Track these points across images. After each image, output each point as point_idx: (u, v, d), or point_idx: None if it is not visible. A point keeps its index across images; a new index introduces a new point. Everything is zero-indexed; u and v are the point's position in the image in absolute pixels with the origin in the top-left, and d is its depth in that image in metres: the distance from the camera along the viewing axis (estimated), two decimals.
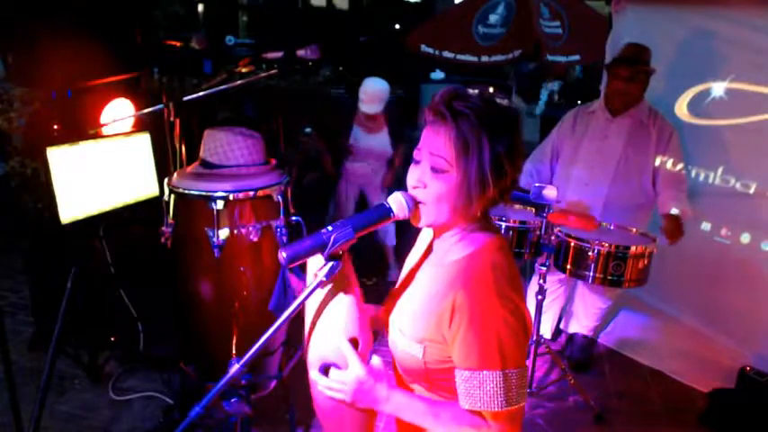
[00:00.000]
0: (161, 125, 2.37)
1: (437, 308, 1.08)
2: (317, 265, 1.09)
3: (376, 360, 1.13)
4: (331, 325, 1.12)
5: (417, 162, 1.10)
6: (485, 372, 1.03)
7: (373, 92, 3.64)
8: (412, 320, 1.14)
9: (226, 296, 2.24)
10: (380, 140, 3.76)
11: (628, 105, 2.90)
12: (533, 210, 2.86)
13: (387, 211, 1.09)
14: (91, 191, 2.34)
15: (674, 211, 2.76)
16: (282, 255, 1.03)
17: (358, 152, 3.82)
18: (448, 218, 1.09)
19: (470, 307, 1.03)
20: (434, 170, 1.06)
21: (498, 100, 1.09)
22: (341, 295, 1.12)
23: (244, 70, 2.52)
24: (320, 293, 1.13)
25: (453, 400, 1.09)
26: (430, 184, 1.07)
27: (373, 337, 1.20)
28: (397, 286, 1.28)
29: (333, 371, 1.10)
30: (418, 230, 1.31)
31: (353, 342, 1.10)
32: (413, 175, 1.10)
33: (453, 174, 1.05)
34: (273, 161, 2.39)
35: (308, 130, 4.59)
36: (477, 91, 1.05)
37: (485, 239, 1.12)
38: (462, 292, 1.05)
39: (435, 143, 1.06)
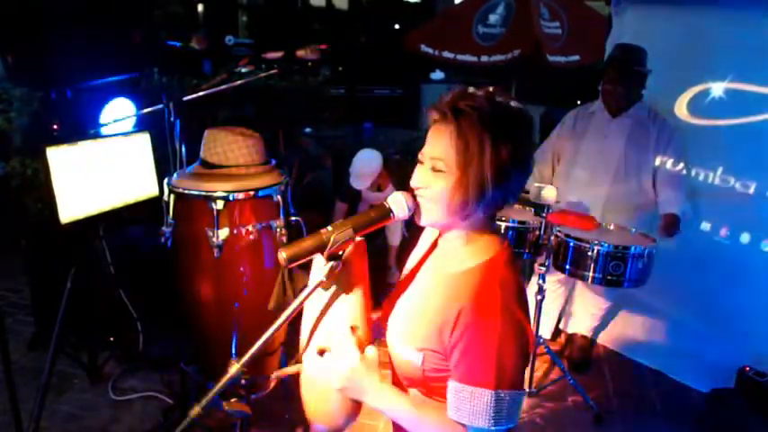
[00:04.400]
0: (161, 125, 2.37)
1: (439, 318, 1.07)
2: (320, 265, 1.09)
3: (371, 351, 1.12)
4: (334, 311, 1.12)
5: (421, 163, 1.09)
6: (477, 388, 1.01)
7: (356, 171, 3.66)
8: (412, 328, 1.13)
9: (226, 296, 2.24)
10: (387, 196, 3.78)
11: (621, 106, 2.91)
12: (533, 210, 2.86)
13: (386, 211, 1.09)
14: (91, 191, 2.34)
15: (674, 211, 2.76)
16: (282, 255, 1.03)
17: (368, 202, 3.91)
18: (447, 218, 1.08)
19: (474, 322, 1.02)
20: (434, 170, 1.05)
21: (510, 102, 1.05)
22: (351, 283, 1.12)
23: (244, 70, 2.53)
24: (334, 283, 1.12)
25: (441, 407, 1.08)
26: (431, 184, 1.06)
27: (373, 336, 1.20)
28: (397, 286, 1.27)
29: (327, 354, 1.10)
30: (422, 230, 1.30)
31: (353, 330, 1.10)
32: (416, 176, 1.09)
33: (452, 174, 1.03)
34: (273, 161, 2.39)
35: (308, 130, 4.59)
36: (485, 91, 1.02)
37: (492, 250, 1.10)
38: (467, 305, 1.03)
39: (436, 143, 1.05)
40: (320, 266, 1.09)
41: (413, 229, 1.28)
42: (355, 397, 1.10)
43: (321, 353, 1.11)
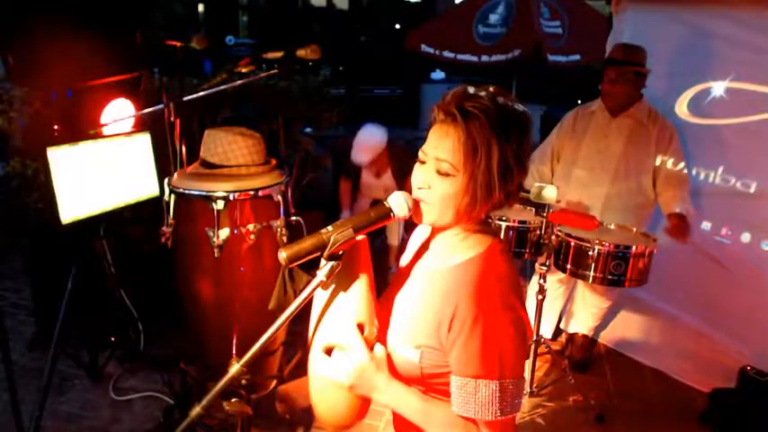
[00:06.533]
0: (161, 125, 2.37)
1: (437, 314, 1.07)
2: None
3: (379, 349, 1.12)
4: (340, 308, 1.11)
5: (422, 162, 1.08)
6: (481, 380, 1.01)
7: (359, 143, 3.63)
8: (409, 326, 1.13)
9: (226, 296, 2.24)
10: (384, 183, 3.79)
11: (621, 106, 2.91)
12: (534, 209, 2.86)
13: (387, 211, 1.09)
14: (91, 191, 2.34)
15: (679, 210, 2.75)
16: (282, 255, 1.03)
17: (366, 191, 3.90)
18: (451, 219, 1.08)
19: (474, 315, 1.02)
20: (439, 173, 1.05)
21: (513, 102, 1.05)
22: (355, 280, 1.11)
23: (244, 70, 2.52)
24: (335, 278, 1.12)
25: (448, 401, 1.08)
26: (435, 185, 1.05)
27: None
28: (391, 286, 1.27)
29: (336, 352, 1.09)
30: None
31: (360, 327, 1.10)
32: (417, 176, 1.08)
33: (459, 177, 1.03)
34: (273, 161, 2.39)
35: (308, 130, 4.58)
36: (488, 91, 1.03)
37: (486, 243, 1.11)
38: (465, 299, 1.03)
39: (442, 145, 1.04)
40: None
41: (411, 230, 1.27)
42: (365, 394, 1.10)
43: (329, 351, 1.10)
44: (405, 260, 1.29)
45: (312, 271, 1.12)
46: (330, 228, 1.06)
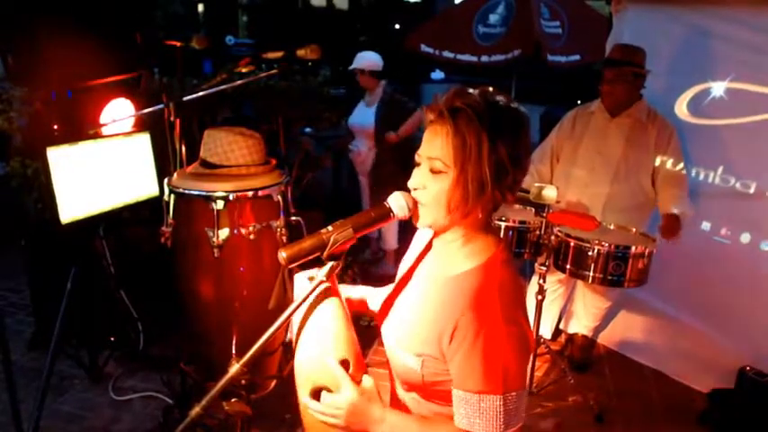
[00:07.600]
0: (161, 125, 2.37)
1: (438, 324, 1.06)
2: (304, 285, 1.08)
3: (368, 381, 1.10)
4: (320, 346, 1.10)
5: (418, 165, 1.09)
6: (485, 396, 1.00)
7: (360, 56, 3.97)
8: (410, 334, 1.13)
9: (226, 296, 2.24)
10: (369, 116, 3.94)
11: (620, 106, 2.91)
12: (533, 210, 2.86)
13: (387, 211, 1.09)
14: (91, 191, 2.34)
15: (675, 210, 2.75)
16: (282, 255, 1.03)
17: (351, 131, 4.11)
18: (447, 218, 1.07)
19: (476, 329, 1.01)
20: (432, 171, 1.05)
21: (505, 100, 1.05)
22: (329, 314, 1.10)
23: (244, 70, 2.52)
24: (304, 312, 1.11)
25: (447, 407, 1.08)
26: (429, 185, 1.06)
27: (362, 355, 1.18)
28: (393, 288, 1.27)
29: (324, 395, 1.08)
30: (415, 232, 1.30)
31: (344, 364, 1.08)
32: (413, 178, 1.09)
33: (451, 172, 1.03)
34: (273, 161, 2.39)
35: (308, 130, 4.59)
36: (480, 90, 1.02)
37: (489, 252, 1.10)
38: (468, 312, 1.02)
39: (433, 144, 1.04)
40: (303, 286, 1.08)
41: (408, 231, 1.27)
42: (362, 428, 1.08)
43: (317, 393, 1.09)
44: (407, 261, 1.28)
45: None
46: (330, 228, 1.06)
